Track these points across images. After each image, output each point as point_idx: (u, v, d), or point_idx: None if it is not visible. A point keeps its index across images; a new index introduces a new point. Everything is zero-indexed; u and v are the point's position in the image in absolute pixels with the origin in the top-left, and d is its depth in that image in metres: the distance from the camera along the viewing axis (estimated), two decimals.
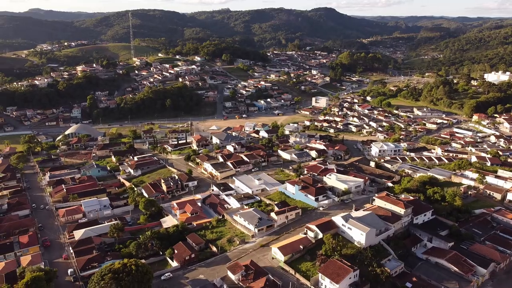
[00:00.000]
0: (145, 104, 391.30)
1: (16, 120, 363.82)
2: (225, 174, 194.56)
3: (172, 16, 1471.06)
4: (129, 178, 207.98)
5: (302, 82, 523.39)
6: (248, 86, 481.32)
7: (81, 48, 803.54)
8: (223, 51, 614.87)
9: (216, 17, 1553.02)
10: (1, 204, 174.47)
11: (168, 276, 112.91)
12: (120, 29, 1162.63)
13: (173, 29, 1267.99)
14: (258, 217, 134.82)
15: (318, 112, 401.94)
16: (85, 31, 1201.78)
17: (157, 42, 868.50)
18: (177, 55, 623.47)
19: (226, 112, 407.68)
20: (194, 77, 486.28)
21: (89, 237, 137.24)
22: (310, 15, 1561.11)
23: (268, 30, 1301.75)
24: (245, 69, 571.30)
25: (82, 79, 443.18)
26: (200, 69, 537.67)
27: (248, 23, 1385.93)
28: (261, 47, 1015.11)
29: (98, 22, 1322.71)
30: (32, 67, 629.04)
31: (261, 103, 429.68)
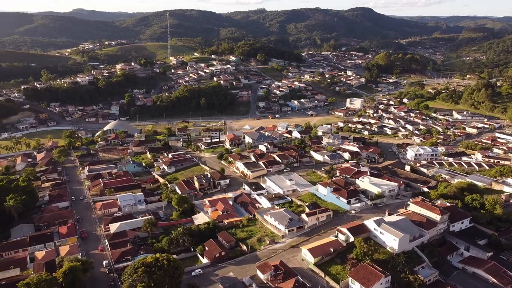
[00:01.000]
0: (180, 103, 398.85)
1: (58, 116, 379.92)
2: (256, 174, 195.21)
3: (208, 16, 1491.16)
4: (163, 174, 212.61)
5: (336, 83, 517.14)
6: (282, 86, 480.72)
7: (121, 47, 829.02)
8: (258, 51, 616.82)
9: (252, 17, 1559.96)
10: (43, 196, 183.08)
11: (199, 273, 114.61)
12: (158, 28, 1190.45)
13: (209, 29, 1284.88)
14: (289, 217, 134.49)
15: (352, 114, 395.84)
16: (124, 31, 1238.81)
17: (193, 42, 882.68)
18: (213, 55, 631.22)
19: (259, 112, 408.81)
20: (229, 77, 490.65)
21: (124, 231, 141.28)
22: (347, 15, 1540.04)
23: (304, 30, 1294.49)
24: (279, 69, 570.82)
25: (121, 77, 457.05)
26: (235, 69, 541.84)
27: (283, 23, 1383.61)
28: (296, 47, 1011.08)
29: (137, 22, 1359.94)
30: (75, 65, 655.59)
31: (295, 103, 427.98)
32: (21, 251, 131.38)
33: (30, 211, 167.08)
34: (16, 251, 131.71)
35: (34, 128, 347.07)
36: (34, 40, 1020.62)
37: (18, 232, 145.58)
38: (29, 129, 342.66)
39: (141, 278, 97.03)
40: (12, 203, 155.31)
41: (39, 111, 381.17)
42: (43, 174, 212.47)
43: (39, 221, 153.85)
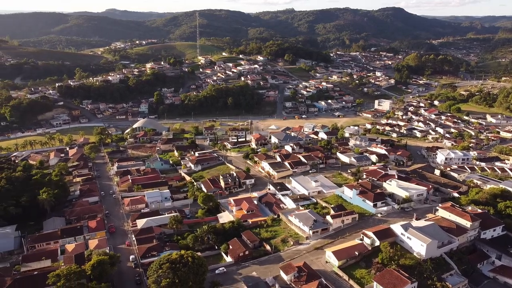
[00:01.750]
0: (207, 102, 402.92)
1: (90, 113, 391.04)
2: (282, 174, 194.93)
3: (237, 16, 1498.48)
4: (190, 172, 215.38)
5: (365, 84, 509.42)
6: (309, 86, 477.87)
7: (151, 46, 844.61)
8: (286, 51, 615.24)
9: (280, 17, 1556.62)
10: (74, 190, 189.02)
11: (222, 271, 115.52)
12: (187, 28, 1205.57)
13: (238, 28, 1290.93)
14: (313, 219, 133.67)
15: (381, 115, 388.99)
16: (155, 30, 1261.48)
17: (221, 42, 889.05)
18: (241, 55, 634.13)
19: (285, 112, 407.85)
20: (256, 77, 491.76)
21: (150, 227, 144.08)
22: (377, 15, 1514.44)
23: (332, 30, 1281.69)
24: (307, 69, 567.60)
25: (151, 76, 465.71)
26: (262, 69, 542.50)
27: (312, 23, 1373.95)
28: (324, 47, 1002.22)
29: (167, 22, 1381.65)
30: (107, 63, 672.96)
31: (322, 104, 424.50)
32: (53, 243, 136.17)
33: (62, 205, 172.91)
34: (48, 243, 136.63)
35: (67, 124, 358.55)
36: (69, 39, 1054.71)
37: (50, 224, 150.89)
38: (62, 126, 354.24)
39: (166, 274, 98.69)
40: (45, 196, 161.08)
41: (72, 108, 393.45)
42: (75, 169, 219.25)
43: (70, 215, 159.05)
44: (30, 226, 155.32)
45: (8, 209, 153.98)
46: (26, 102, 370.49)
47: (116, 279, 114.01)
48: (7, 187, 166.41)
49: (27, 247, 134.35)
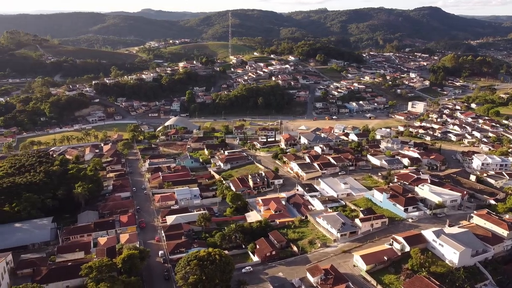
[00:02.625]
0: (238, 101, 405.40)
1: (124, 110, 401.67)
2: (311, 175, 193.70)
3: (269, 16, 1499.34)
4: (219, 171, 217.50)
5: (398, 85, 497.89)
6: (340, 87, 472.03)
7: (184, 46, 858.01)
8: (317, 51, 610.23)
9: (313, 17, 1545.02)
10: (108, 185, 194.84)
11: (249, 270, 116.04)
12: (219, 28, 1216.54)
13: (270, 28, 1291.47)
14: (342, 221, 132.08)
15: (414, 118, 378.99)
16: (188, 30, 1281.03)
17: (253, 41, 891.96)
18: (272, 54, 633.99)
19: (316, 113, 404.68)
20: (287, 77, 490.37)
21: (179, 224, 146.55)
22: (412, 14, 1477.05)
23: (366, 30, 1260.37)
24: (338, 70, 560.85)
25: (183, 75, 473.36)
26: (293, 69, 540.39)
27: (344, 23, 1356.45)
28: (356, 47, 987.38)
29: (200, 21, 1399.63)
30: (141, 62, 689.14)
31: (353, 105, 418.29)
32: (86, 236, 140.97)
33: (96, 199, 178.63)
34: (81, 235, 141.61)
35: (102, 121, 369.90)
36: (106, 38, 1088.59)
37: (84, 218, 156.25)
38: (97, 122, 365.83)
39: (194, 271, 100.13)
40: (80, 190, 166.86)
41: (107, 105, 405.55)
42: (108, 165, 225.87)
43: (103, 209, 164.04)
44: (65, 218, 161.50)
45: (45, 202, 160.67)
46: (64, 98, 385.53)
47: (145, 274, 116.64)
48: (45, 180, 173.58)
49: (62, 239, 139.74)
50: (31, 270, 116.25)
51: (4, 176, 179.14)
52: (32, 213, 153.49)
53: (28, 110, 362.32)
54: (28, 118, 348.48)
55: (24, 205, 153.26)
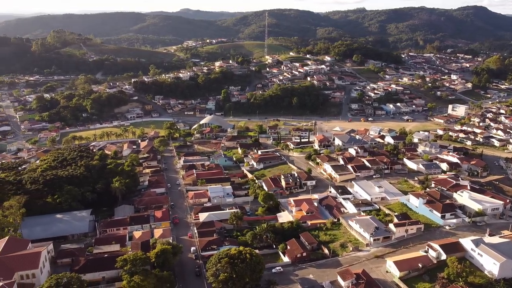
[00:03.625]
0: (272, 101, 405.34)
1: (161, 108, 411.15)
2: (344, 177, 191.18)
3: (306, 16, 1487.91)
4: (252, 170, 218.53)
5: (438, 87, 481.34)
6: (377, 88, 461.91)
7: (220, 45, 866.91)
8: (354, 52, 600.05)
9: (350, 16, 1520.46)
10: (143, 181, 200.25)
11: (279, 270, 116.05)
12: (256, 28, 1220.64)
13: (306, 28, 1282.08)
14: (375, 226, 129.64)
15: (454, 121, 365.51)
16: (225, 30, 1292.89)
17: (289, 41, 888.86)
18: (308, 54, 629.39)
19: (351, 114, 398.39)
20: (322, 77, 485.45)
21: (212, 221, 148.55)
22: (455, 14, 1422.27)
23: (405, 30, 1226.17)
24: (375, 70, 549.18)
25: (219, 74, 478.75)
26: (329, 69, 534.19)
27: (383, 23, 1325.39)
28: (395, 48, 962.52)
29: (237, 21, 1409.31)
30: (178, 61, 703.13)
31: (390, 107, 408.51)
32: (122, 229, 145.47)
33: (132, 194, 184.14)
34: (118, 228, 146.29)
35: (140, 118, 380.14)
36: (145, 37, 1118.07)
37: (121, 211, 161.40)
38: (135, 119, 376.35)
39: (224, 268, 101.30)
40: (117, 185, 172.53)
41: (145, 102, 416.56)
42: (145, 161, 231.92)
43: (138, 204, 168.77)
44: (103, 211, 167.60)
45: (85, 195, 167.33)
46: (105, 96, 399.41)
47: (177, 269, 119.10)
48: (85, 174, 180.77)
49: (100, 231, 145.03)
50: (70, 260, 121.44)
51: (48, 169, 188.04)
52: (72, 205, 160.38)
53: (71, 106, 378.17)
54: (71, 114, 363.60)
55: (66, 197, 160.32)
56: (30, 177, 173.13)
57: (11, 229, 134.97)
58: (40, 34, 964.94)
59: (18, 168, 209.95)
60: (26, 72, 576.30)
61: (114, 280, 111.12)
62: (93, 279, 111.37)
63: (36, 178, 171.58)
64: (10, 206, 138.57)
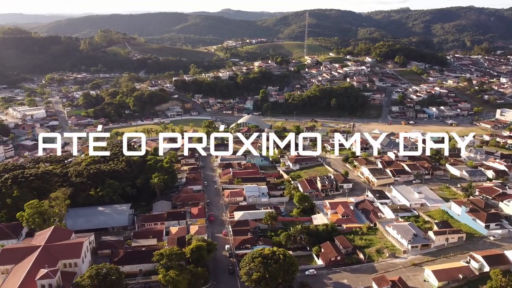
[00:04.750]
0: (310, 102, 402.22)
1: (200, 106, 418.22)
2: (382, 182, 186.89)
3: (347, 16, 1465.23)
4: (288, 171, 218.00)
5: (486, 90, 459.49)
6: (419, 91, 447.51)
7: (260, 45, 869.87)
8: (397, 53, 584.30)
9: (394, 16, 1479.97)
10: (181, 178, 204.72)
11: (312, 273, 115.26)
12: (296, 28, 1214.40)
13: (347, 28, 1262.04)
14: (413, 232, 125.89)
15: (503, 127, 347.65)
16: (265, 30, 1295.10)
17: (329, 42, 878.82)
18: (348, 55, 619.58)
19: (391, 117, 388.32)
20: (362, 78, 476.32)
21: (246, 220, 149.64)
22: (507, 14, 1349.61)
23: (451, 31, 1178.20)
24: (418, 72, 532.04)
25: (258, 74, 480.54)
26: (370, 70, 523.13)
27: (428, 23, 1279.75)
28: (440, 49, 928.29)
29: (277, 21, 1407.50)
30: (218, 61, 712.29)
31: (433, 110, 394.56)
32: (159, 224, 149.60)
33: (170, 190, 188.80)
34: (155, 223, 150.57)
35: (179, 116, 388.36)
36: (187, 37, 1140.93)
37: (159, 207, 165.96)
38: (175, 117, 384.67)
39: (257, 268, 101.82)
40: (156, 181, 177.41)
41: (185, 101, 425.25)
42: (183, 158, 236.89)
43: (176, 200, 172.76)
44: (141, 206, 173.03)
45: (125, 189, 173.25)
46: (147, 93, 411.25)
47: (211, 266, 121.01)
48: (126, 169, 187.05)
49: (138, 225, 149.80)
50: (110, 251, 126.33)
51: (92, 163, 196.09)
52: (113, 199, 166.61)
53: (115, 103, 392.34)
54: (115, 110, 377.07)
55: (107, 190, 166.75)
56: (75, 170, 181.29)
57: (56, 219, 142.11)
58: (88, 34, 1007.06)
59: (65, 161, 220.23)
60: (74, 70, 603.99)
61: (150, 273, 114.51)
62: (131, 271, 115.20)
63: (81, 172, 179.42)
64: (56, 197, 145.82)
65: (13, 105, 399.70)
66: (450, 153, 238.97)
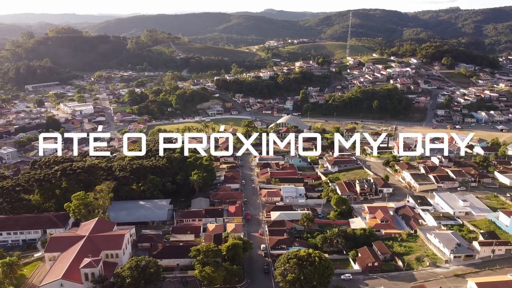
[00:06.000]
0: (351, 103, 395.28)
1: (240, 106, 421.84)
2: (424, 187, 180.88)
3: (392, 16, 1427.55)
4: (326, 173, 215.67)
5: None
6: (468, 94, 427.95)
7: (302, 45, 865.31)
8: (444, 54, 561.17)
9: (442, 16, 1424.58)
10: (220, 176, 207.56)
11: (348, 277, 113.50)
12: (339, 28, 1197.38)
13: (392, 29, 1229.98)
14: (457, 242, 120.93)
15: None
16: (307, 30, 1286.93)
17: (373, 42, 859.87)
18: (392, 56, 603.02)
19: (436, 121, 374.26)
20: (407, 80, 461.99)
21: (283, 220, 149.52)
22: None
23: (505, 31, 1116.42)
24: (467, 75, 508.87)
25: (298, 74, 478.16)
26: (415, 72, 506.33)
27: (479, 23, 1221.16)
28: (492, 51, 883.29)
29: (320, 21, 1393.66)
30: (259, 60, 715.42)
31: (481, 114, 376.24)
32: (197, 221, 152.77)
33: (208, 187, 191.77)
34: (193, 219, 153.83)
35: (220, 115, 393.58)
36: (229, 37, 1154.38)
37: (197, 203, 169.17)
38: (216, 115, 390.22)
39: (292, 269, 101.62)
40: (195, 178, 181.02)
41: (225, 100, 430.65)
42: (222, 157, 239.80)
43: (214, 197, 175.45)
44: (180, 202, 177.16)
45: (166, 185, 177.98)
46: (189, 92, 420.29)
47: (246, 264, 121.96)
48: (167, 165, 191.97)
49: (177, 220, 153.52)
50: (149, 244, 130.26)
51: (135, 159, 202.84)
52: (154, 194, 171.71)
53: (158, 100, 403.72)
54: (158, 108, 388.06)
55: (149, 185, 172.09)
56: (119, 165, 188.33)
57: (100, 211, 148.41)
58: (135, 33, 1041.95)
59: (109, 156, 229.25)
60: (121, 68, 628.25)
61: (187, 268, 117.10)
62: (168, 265, 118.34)
63: (124, 166, 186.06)
64: (101, 190, 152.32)
65: (64, 101, 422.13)
66: (499, 160, 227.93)
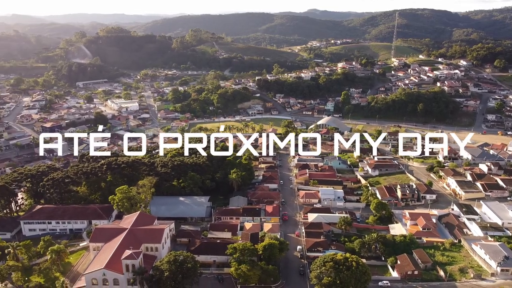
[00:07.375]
0: (395, 106, 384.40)
1: (281, 106, 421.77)
2: (471, 195, 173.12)
3: (441, 16, 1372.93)
4: (366, 176, 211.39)
5: None
6: None
7: (345, 46, 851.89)
8: (497, 56, 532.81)
9: (496, 16, 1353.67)
10: (258, 175, 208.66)
11: (386, 284, 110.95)
12: (384, 28, 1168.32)
13: (441, 29, 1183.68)
14: (505, 254, 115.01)
15: None
16: (351, 30, 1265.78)
17: (419, 43, 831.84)
18: (439, 58, 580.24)
19: (486, 126, 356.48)
20: (455, 83, 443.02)
21: (320, 223, 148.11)
22: None
23: None
24: None
25: (340, 75, 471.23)
26: (464, 75, 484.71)
27: None
28: None
29: (364, 22, 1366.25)
30: (301, 61, 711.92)
31: None
32: (235, 219, 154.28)
33: (246, 186, 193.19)
34: (231, 217, 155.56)
35: (260, 114, 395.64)
36: (272, 37, 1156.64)
37: (235, 202, 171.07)
38: (256, 115, 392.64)
39: (328, 273, 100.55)
40: (234, 176, 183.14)
41: (266, 100, 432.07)
42: (261, 156, 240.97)
43: (251, 196, 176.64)
44: (219, 199, 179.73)
45: (205, 182, 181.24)
46: (230, 91, 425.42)
47: (282, 264, 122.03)
48: (207, 163, 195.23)
49: (215, 217, 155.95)
50: (188, 240, 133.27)
51: (176, 155, 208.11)
52: (193, 191, 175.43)
53: (200, 99, 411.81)
54: (200, 107, 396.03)
55: (188, 182, 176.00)
56: (161, 161, 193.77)
57: (142, 205, 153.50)
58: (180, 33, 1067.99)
59: (152, 152, 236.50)
60: (165, 67, 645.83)
61: (223, 265, 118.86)
62: (205, 261, 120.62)
63: (166, 163, 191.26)
64: (143, 184, 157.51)
65: (111, 98, 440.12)
66: None
